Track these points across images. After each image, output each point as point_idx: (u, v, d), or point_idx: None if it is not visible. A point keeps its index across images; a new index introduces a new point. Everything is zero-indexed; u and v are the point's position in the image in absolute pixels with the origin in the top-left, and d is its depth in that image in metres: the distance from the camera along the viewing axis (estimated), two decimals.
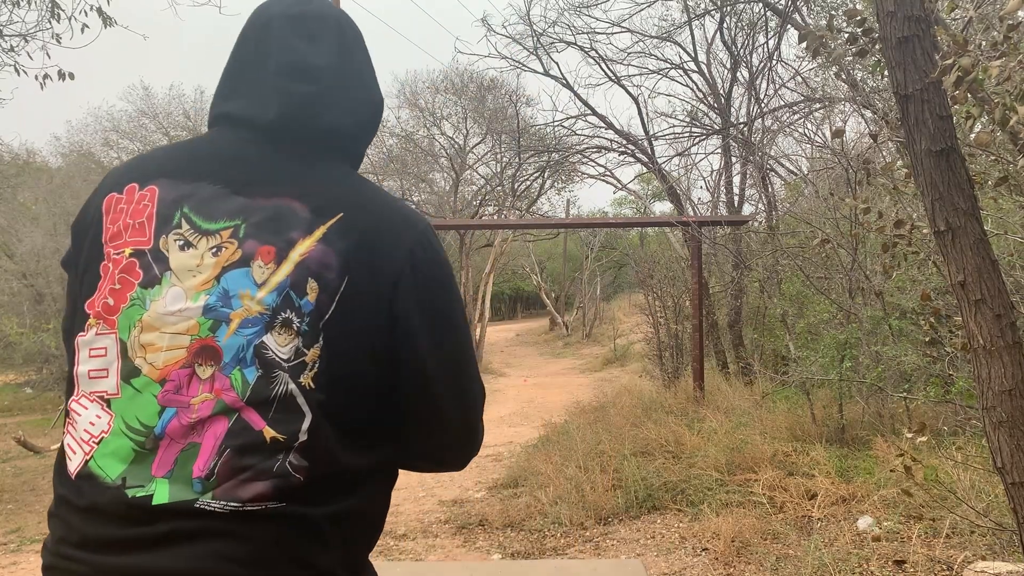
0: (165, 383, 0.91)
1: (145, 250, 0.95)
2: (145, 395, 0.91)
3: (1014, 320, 2.46)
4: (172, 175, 1.00)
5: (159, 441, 0.89)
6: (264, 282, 0.93)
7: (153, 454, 0.89)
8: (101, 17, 6.20)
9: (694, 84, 10.75)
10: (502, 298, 43.86)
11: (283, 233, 0.95)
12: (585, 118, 11.27)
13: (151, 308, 0.93)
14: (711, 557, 3.83)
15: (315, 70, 1.03)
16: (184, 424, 0.89)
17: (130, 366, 0.92)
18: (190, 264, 0.94)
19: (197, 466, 0.88)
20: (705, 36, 10.71)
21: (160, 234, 0.96)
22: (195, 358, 0.91)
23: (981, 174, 3.54)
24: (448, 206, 21.44)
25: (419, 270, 0.99)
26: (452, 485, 6.22)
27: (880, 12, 2.51)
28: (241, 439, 0.89)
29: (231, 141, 1.04)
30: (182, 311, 0.92)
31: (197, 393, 0.90)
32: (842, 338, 5.90)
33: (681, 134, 10.64)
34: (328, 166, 1.04)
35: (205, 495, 0.87)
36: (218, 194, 0.97)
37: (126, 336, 0.93)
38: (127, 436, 0.90)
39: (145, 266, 0.95)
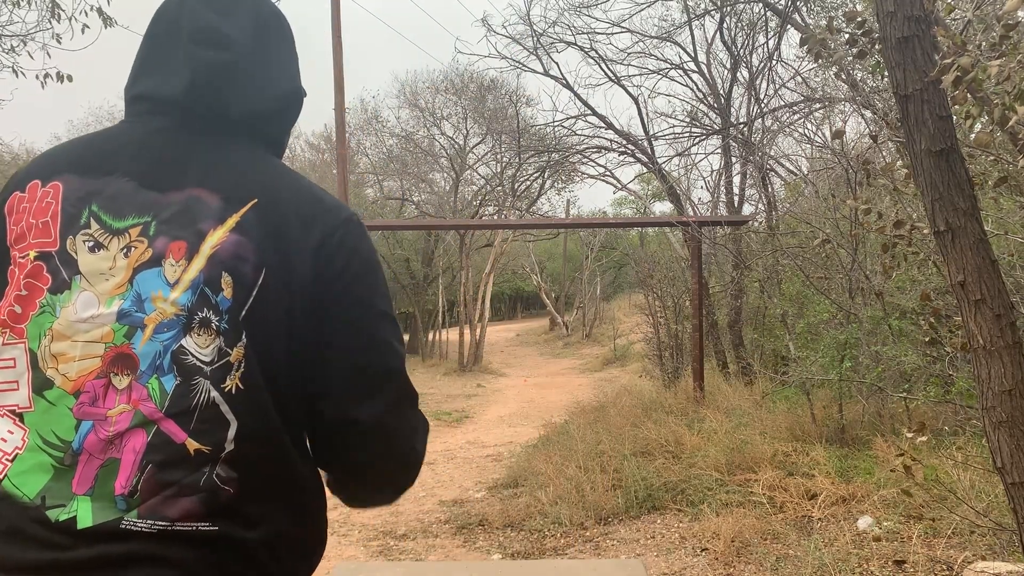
0: (80, 395, 0.85)
1: (52, 252, 0.89)
2: (60, 408, 0.85)
3: (1014, 320, 2.46)
4: (78, 170, 0.93)
5: (78, 456, 0.83)
6: (177, 281, 0.86)
7: (73, 470, 0.83)
8: (101, 17, 6.20)
9: (694, 84, 10.76)
10: (502, 298, 43.85)
11: (193, 226, 0.88)
12: (585, 118, 11.28)
13: (61, 315, 0.87)
14: (711, 557, 3.83)
15: (227, 39, 0.96)
16: (102, 438, 0.83)
17: (42, 377, 0.86)
18: (102, 267, 0.87)
19: (119, 483, 0.82)
20: (705, 36, 10.71)
21: (67, 234, 0.89)
22: (110, 367, 0.85)
23: (981, 174, 3.54)
24: (448, 206, 21.44)
25: (337, 258, 0.93)
26: (452, 485, 6.23)
27: (880, 12, 2.51)
28: (162, 453, 0.83)
29: (142, 130, 0.97)
30: (94, 317, 0.86)
31: (114, 405, 0.84)
32: (842, 338, 5.90)
33: (681, 134, 10.65)
34: (242, 150, 0.98)
35: (130, 514, 0.82)
36: (127, 189, 0.91)
37: (36, 346, 0.87)
38: (44, 452, 0.84)
39: (53, 270, 0.88)
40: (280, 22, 1.07)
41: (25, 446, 0.85)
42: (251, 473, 0.86)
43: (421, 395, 1.09)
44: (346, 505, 1.06)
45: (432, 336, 24.69)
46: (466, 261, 21.77)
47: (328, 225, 0.94)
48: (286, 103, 1.05)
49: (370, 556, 4.45)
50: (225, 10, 0.99)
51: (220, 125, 0.98)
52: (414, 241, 24.59)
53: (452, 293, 25.83)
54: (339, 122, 13.63)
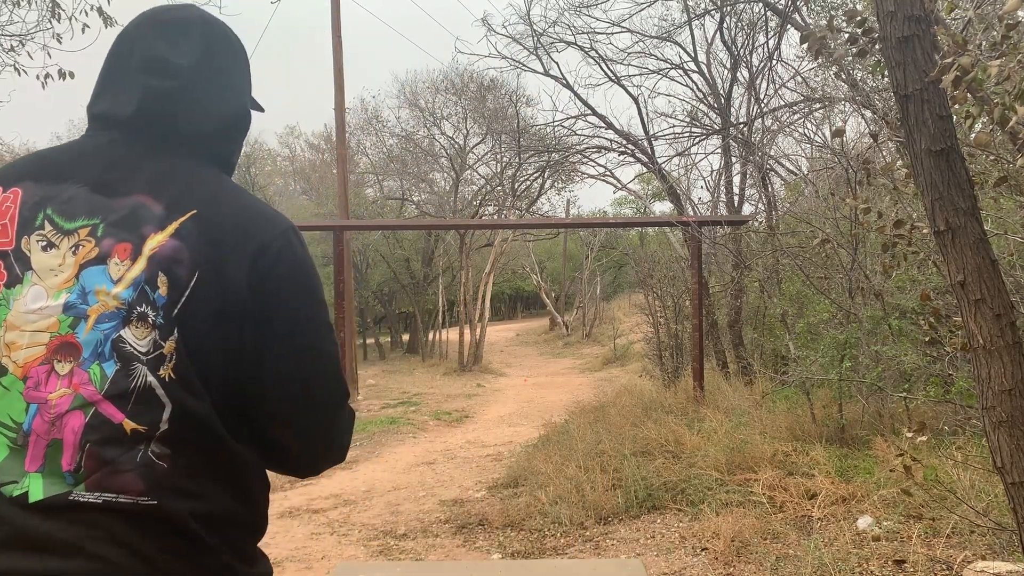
0: (27, 380, 0.92)
1: (8, 251, 0.97)
2: (13, 392, 0.92)
3: (1014, 320, 2.46)
4: (37, 177, 1.02)
5: (28, 437, 0.90)
6: (120, 278, 0.94)
7: (25, 450, 0.90)
8: (102, 17, 6.20)
9: (694, 84, 10.75)
10: (502, 298, 43.85)
11: (137, 229, 0.96)
12: (585, 118, 11.27)
13: (13, 307, 0.94)
14: (711, 557, 3.83)
15: (174, 67, 1.05)
16: (46, 420, 0.90)
17: None
18: (52, 264, 0.95)
19: (64, 460, 0.89)
20: (705, 36, 10.71)
21: (22, 235, 0.97)
22: (54, 354, 0.92)
23: (981, 174, 3.54)
24: (448, 206, 21.44)
25: (273, 268, 1.00)
26: (452, 485, 6.23)
27: (880, 12, 2.51)
28: (100, 432, 0.90)
29: (97, 143, 1.06)
30: (42, 309, 0.94)
31: (55, 389, 0.91)
32: (842, 338, 5.90)
33: (681, 134, 10.64)
34: (188, 165, 1.06)
35: (78, 487, 0.89)
36: (79, 194, 0.99)
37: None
38: (1, 434, 0.91)
39: (8, 267, 0.96)
40: (230, 44, 1.14)
41: None
42: (185, 451, 0.93)
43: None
44: None
45: (432, 336, 24.70)
46: (466, 261, 21.76)
47: (266, 236, 1.01)
48: (232, 121, 1.14)
49: (370, 556, 4.45)
50: (175, 39, 1.07)
51: (168, 142, 1.06)
52: (414, 241, 24.58)
53: (452, 293, 25.83)
54: (339, 122, 13.63)
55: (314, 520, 5.41)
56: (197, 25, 1.10)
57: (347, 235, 12.28)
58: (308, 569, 4.18)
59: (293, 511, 5.70)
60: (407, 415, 11.50)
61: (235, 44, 1.15)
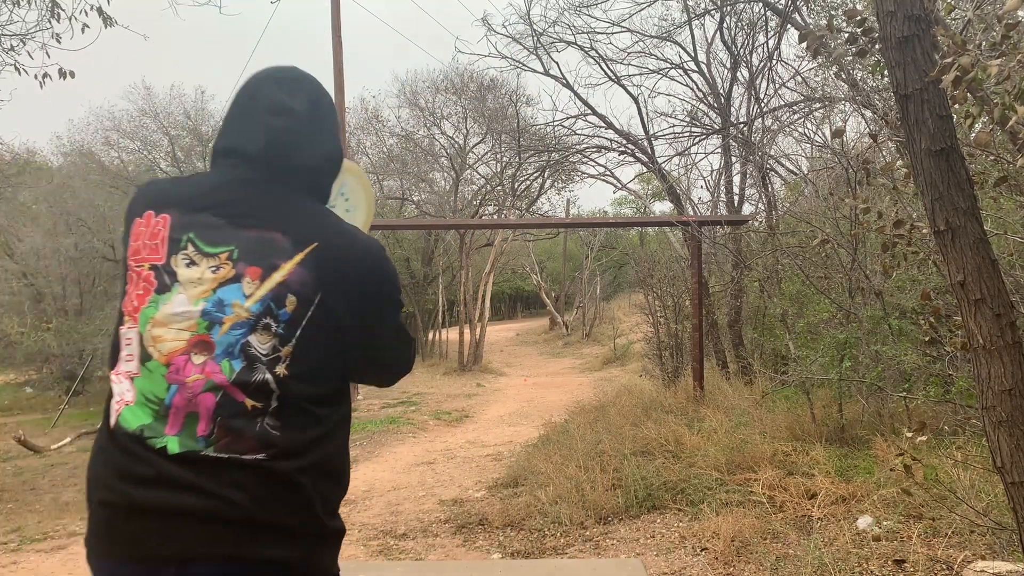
0: (169, 366, 1.20)
1: (159, 265, 1.25)
2: (156, 375, 1.21)
3: (1014, 320, 2.46)
4: (180, 206, 1.29)
5: (168, 410, 1.19)
6: (251, 295, 1.22)
7: (166, 419, 1.19)
8: (101, 17, 6.20)
9: (694, 84, 10.74)
10: (502, 298, 43.82)
11: (268, 258, 1.24)
12: (585, 118, 11.26)
13: (161, 309, 1.23)
14: (711, 556, 3.83)
15: (292, 111, 1.35)
16: (184, 397, 1.19)
17: (145, 353, 1.23)
18: (193, 278, 1.23)
19: (199, 428, 1.18)
20: (705, 36, 10.71)
21: (171, 254, 1.25)
22: (192, 348, 1.20)
23: (981, 174, 3.54)
24: (448, 206, 21.43)
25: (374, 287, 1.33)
26: (452, 485, 6.23)
27: (880, 12, 2.51)
28: (229, 409, 1.19)
29: (226, 178, 1.33)
30: (184, 313, 1.22)
31: (190, 374, 1.19)
32: (842, 338, 5.90)
33: (681, 134, 10.63)
34: (302, 202, 1.34)
35: (208, 448, 1.17)
36: (217, 224, 1.26)
37: (143, 330, 1.23)
38: (146, 405, 1.21)
39: (159, 277, 1.24)
40: (327, 98, 1.47)
41: (134, 401, 1.22)
42: (290, 424, 1.22)
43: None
44: None
45: (432, 336, 24.69)
46: (466, 261, 21.75)
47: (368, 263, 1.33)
48: (330, 159, 1.43)
49: (370, 555, 4.45)
50: (290, 91, 1.39)
51: (287, 178, 1.34)
52: (414, 241, 24.56)
53: (452, 293, 25.81)
54: (339, 122, 13.65)
55: None
56: (305, 82, 1.43)
57: None
58: None
59: None
60: (407, 415, 11.50)
61: (329, 99, 1.48)
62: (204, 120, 22.45)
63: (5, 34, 6.33)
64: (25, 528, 5.95)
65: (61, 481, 10.53)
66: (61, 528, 5.77)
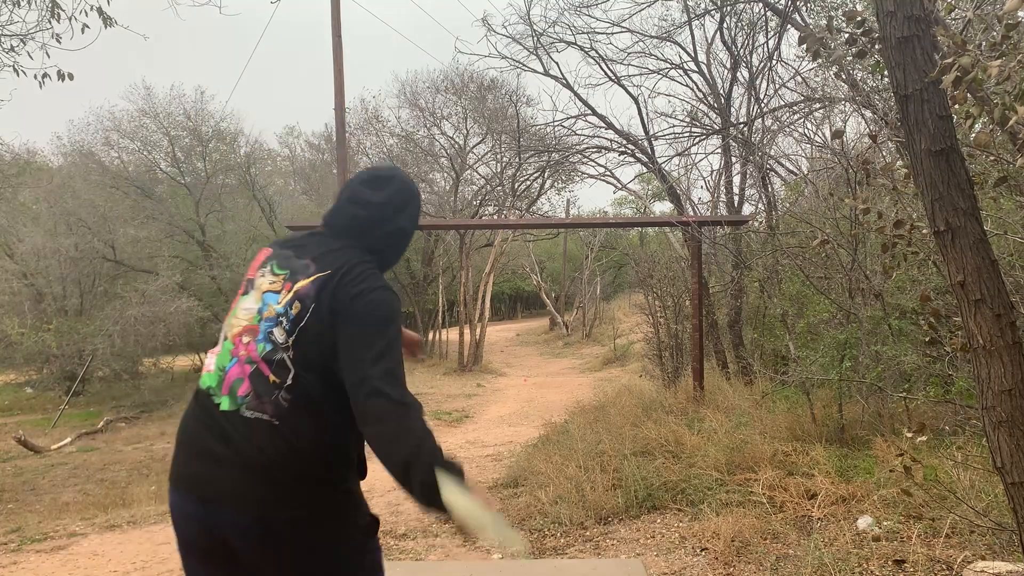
0: (234, 345, 1.72)
1: (249, 279, 1.81)
2: (225, 351, 1.73)
3: (1014, 320, 2.46)
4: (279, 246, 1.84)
5: (225, 375, 1.69)
6: (280, 300, 1.70)
7: (222, 383, 1.69)
8: (101, 17, 6.20)
9: (694, 84, 10.73)
10: (502, 298, 43.80)
11: (296, 277, 1.72)
12: (585, 118, 11.26)
13: (239, 306, 1.78)
14: (711, 557, 3.83)
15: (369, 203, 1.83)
16: (236, 368, 1.68)
17: (224, 335, 1.77)
18: (261, 286, 1.76)
19: (241, 391, 1.65)
20: (705, 36, 10.71)
21: (259, 272, 1.80)
22: (244, 332, 1.71)
23: (981, 174, 3.54)
24: (448, 206, 21.44)
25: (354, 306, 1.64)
26: None
27: (880, 12, 2.51)
28: (259, 380, 1.64)
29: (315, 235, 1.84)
30: (248, 309, 1.75)
31: (241, 351, 1.69)
32: (842, 338, 5.90)
33: (681, 134, 10.63)
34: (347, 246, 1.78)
35: (243, 408, 1.64)
36: (289, 256, 1.78)
37: (229, 320, 1.78)
38: (216, 372, 1.72)
39: (247, 285, 1.81)
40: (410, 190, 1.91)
41: (212, 368, 1.74)
42: (298, 397, 1.63)
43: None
44: None
45: (432, 336, 24.68)
46: (466, 261, 21.75)
47: (357, 290, 1.66)
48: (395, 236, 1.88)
49: None
50: (376, 187, 1.85)
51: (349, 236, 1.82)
52: (414, 241, 24.53)
53: (452, 293, 25.81)
54: (339, 122, 13.62)
55: None
56: (393, 180, 1.88)
57: None
58: None
59: None
60: None
61: (413, 190, 1.92)
62: (204, 120, 22.43)
63: (5, 34, 6.34)
64: (25, 528, 5.95)
65: (61, 481, 10.53)
66: (61, 528, 5.76)
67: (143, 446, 13.22)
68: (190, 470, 1.68)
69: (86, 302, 21.37)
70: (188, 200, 21.91)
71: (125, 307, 18.38)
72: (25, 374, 21.27)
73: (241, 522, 1.59)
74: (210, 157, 22.72)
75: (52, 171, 23.05)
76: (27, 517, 6.91)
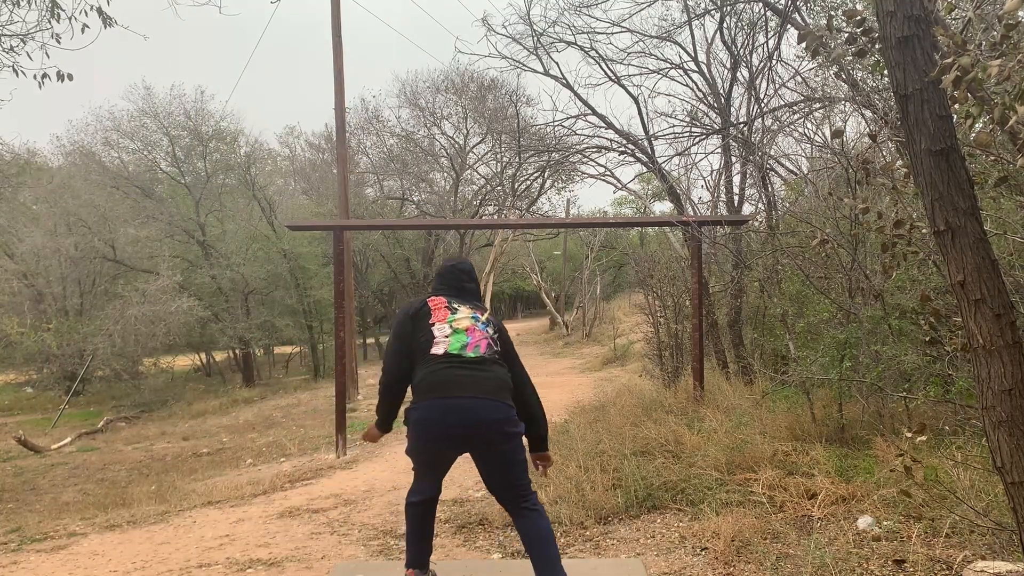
0: (466, 331, 3.23)
1: (444, 306, 3.35)
2: (461, 333, 3.22)
3: (1014, 320, 2.46)
4: (444, 294, 3.44)
5: (467, 345, 3.18)
6: (484, 320, 3.36)
7: (466, 347, 3.17)
8: (101, 17, 6.20)
9: (694, 84, 10.72)
10: (502, 298, 43.83)
11: (475, 311, 3.38)
12: (585, 118, 11.25)
13: (458, 314, 3.31)
14: (711, 556, 3.83)
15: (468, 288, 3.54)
16: (471, 340, 3.21)
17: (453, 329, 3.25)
18: (461, 311, 3.34)
19: (481, 348, 3.20)
20: (705, 36, 10.72)
21: (448, 304, 3.37)
22: (473, 324, 3.28)
23: (981, 174, 3.54)
24: (448, 206, 21.44)
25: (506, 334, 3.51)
26: (452, 485, 6.22)
27: (880, 12, 2.52)
28: (490, 345, 3.24)
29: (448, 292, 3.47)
30: (463, 318, 3.30)
31: (475, 335, 3.23)
32: (842, 338, 5.90)
33: (681, 134, 10.62)
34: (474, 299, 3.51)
35: (487, 353, 3.21)
36: (456, 300, 3.41)
37: (450, 322, 3.25)
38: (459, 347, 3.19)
39: (448, 308, 3.34)
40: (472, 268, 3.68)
41: (448, 343, 3.19)
42: (502, 356, 3.30)
43: None
44: None
45: None
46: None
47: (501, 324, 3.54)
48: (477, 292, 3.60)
49: (370, 555, 4.46)
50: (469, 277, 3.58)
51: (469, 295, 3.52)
52: (414, 241, 24.56)
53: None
54: (339, 122, 13.62)
55: (314, 520, 5.41)
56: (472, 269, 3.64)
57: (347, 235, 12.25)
58: (308, 569, 4.18)
59: (293, 511, 5.71)
60: None
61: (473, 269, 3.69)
62: (204, 120, 22.45)
63: (5, 34, 6.34)
64: (25, 528, 5.95)
65: (61, 481, 10.53)
66: (61, 528, 5.77)
67: (143, 446, 13.24)
68: (462, 383, 3.06)
69: (86, 302, 21.38)
70: (188, 200, 21.93)
71: (125, 307, 18.39)
72: (25, 374, 21.29)
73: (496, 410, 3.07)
74: (210, 157, 22.74)
75: (52, 171, 23.05)
76: (27, 517, 6.91)
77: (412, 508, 3.34)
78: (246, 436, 12.92)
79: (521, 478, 3.17)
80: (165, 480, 9.23)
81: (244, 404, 17.56)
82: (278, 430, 13.04)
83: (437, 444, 3.13)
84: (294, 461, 9.16)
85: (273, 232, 21.75)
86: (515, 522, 3.25)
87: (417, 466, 3.30)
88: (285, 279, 22.06)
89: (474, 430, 3.04)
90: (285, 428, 13.23)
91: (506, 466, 3.14)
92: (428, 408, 3.05)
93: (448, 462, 3.30)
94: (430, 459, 3.22)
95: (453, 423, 3.02)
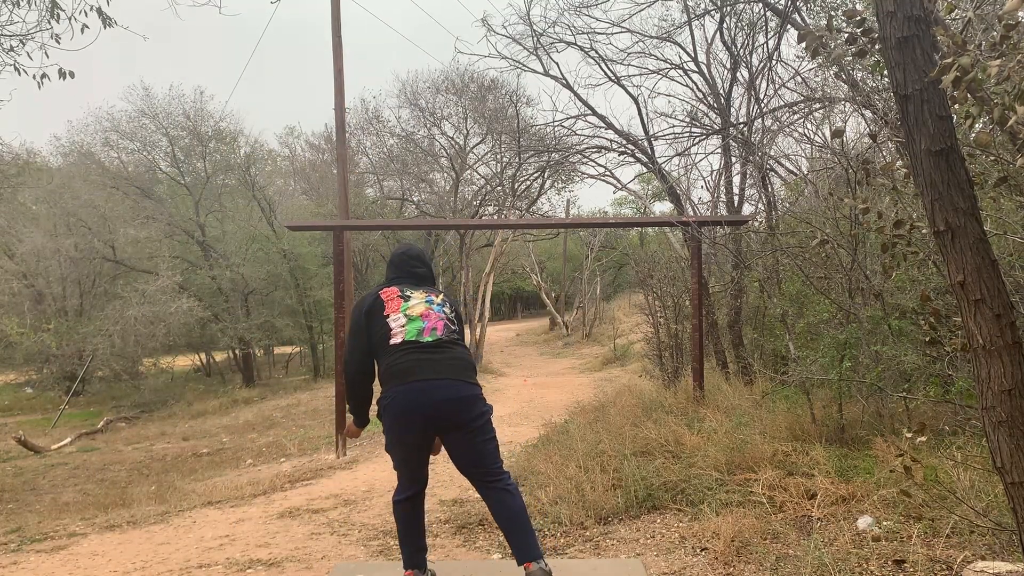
0: (422, 317, 3.33)
1: (396, 296, 3.43)
2: (417, 319, 3.32)
3: (1014, 320, 2.46)
4: (396, 284, 3.53)
5: (424, 328, 3.30)
6: (438, 301, 3.46)
7: (424, 331, 3.29)
8: (101, 17, 6.20)
9: (694, 84, 10.72)
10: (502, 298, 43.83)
11: (429, 294, 3.49)
12: (585, 118, 11.25)
13: (411, 302, 3.40)
14: (711, 556, 3.83)
15: (422, 269, 3.67)
16: (428, 324, 3.32)
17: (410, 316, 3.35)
18: (413, 297, 3.44)
19: (438, 330, 3.33)
20: (705, 36, 10.72)
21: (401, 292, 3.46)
22: (427, 308, 3.38)
23: (981, 174, 3.54)
24: (448, 206, 21.44)
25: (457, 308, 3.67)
26: (452, 485, 6.23)
27: (880, 12, 2.52)
28: (447, 327, 3.38)
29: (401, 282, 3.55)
30: (417, 304, 3.39)
31: (431, 319, 3.34)
32: (842, 338, 5.90)
33: (681, 134, 10.61)
34: (428, 283, 3.64)
35: (442, 338, 3.32)
36: (408, 284, 3.53)
37: (404, 310, 3.35)
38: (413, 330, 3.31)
39: (400, 296, 3.43)
40: (430, 262, 3.79)
41: (404, 332, 3.29)
42: (458, 334, 3.43)
43: None
44: None
45: None
46: (466, 261, 21.75)
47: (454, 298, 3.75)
48: (432, 278, 3.72)
49: (370, 555, 4.45)
50: (419, 261, 3.68)
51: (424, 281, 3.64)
52: (414, 241, 24.51)
53: (452, 293, 25.78)
54: (339, 123, 13.62)
55: (314, 520, 5.41)
56: (422, 253, 3.74)
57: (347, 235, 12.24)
58: (308, 569, 4.18)
59: (293, 511, 5.70)
60: None
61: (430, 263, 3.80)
62: (204, 120, 22.44)
63: (5, 34, 6.34)
64: (25, 528, 5.95)
65: (61, 481, 10.53)
66: (61, 528, 5.76)
67: (143, 446, 13.23)
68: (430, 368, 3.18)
69: (86, 302, 21.39)
70: (188, 200, 21.92)
71: (125, 307, 18.38)
72: (25, 374, 21.28)
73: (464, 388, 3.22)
74: (210, 157, 22.72)
75: (52, 171, 23.05)
76: (27, 517, 6.91)
77: (400, 506, 3.35)
78: (246, 436, 12.92)
79: (490, 456, 3.22)
80: (165, 480, 9.23)
81: (244, 404, 17.56)
82: (278, 430, 13.04)
83: (408, 429, 3.17)
84: (294, 461, 9.16)
85: (273, 232, 21.74)
86: (486, 501, 3.27)
87: (397, 461, 3.34)
88: (285, 279, 22.05)
89: (437, 409, 3.12)
90: (285, 428, 13.23)
91: (473, 443, 3.19)
92: (393, 395, 3.15)
93: (424, 449, 3.31)
94: (406, 448, 3.25)
95: (417, 406, 3.11)
